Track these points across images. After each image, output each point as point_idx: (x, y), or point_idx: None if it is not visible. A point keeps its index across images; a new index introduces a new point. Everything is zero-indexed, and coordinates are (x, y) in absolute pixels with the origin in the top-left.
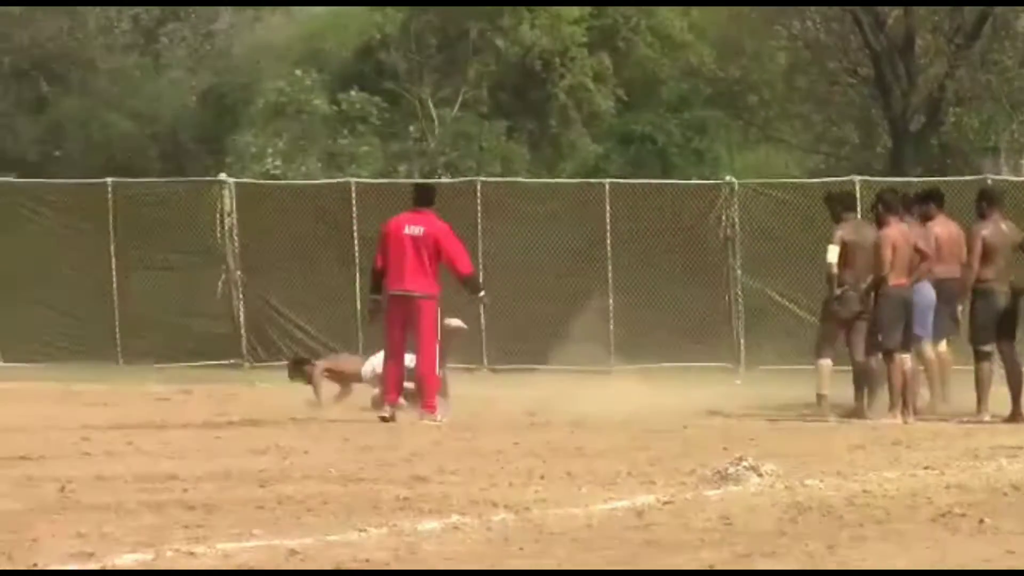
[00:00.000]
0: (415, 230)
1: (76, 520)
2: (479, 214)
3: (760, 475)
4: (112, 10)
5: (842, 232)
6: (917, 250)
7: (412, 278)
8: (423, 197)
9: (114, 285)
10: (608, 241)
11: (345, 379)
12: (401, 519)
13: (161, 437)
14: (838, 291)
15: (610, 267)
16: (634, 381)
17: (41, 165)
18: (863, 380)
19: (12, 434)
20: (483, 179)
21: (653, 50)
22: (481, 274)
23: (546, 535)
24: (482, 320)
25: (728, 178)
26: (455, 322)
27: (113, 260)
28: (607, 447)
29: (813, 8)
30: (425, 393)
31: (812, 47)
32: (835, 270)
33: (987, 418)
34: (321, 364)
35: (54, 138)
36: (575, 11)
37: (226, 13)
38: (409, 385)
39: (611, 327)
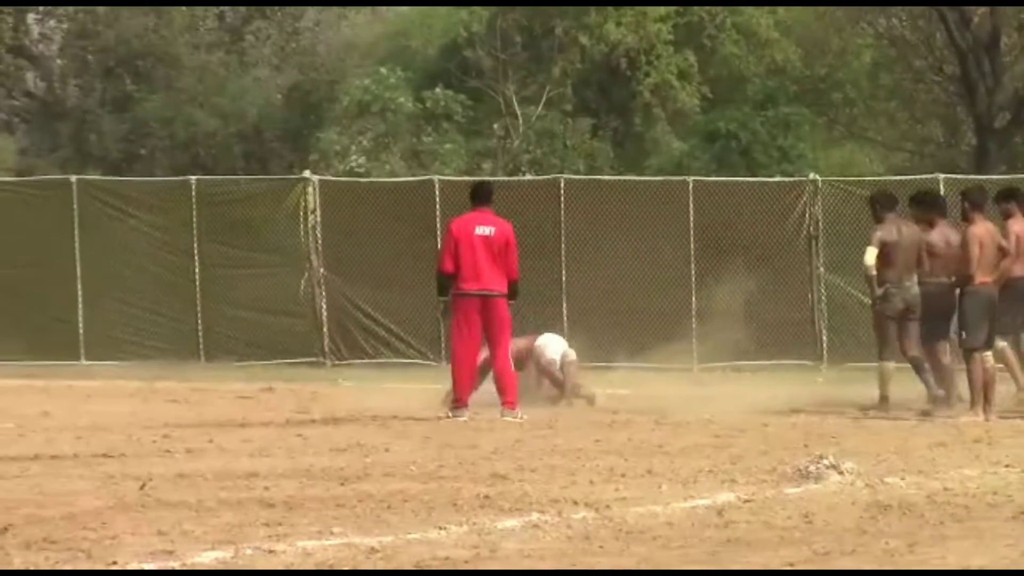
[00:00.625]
0: (486, 230)
1: (156, 518)
2: (562, 211)
3: (841, 473)
4: (198, 8)
5: (881, 233)
6: (999, 248)
7: (489, 277)
8: (484, 196)
9: (197, 283)
10: (691, 238)
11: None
12: (481, 517)
13: (242, 435)
14: (880, 291)
15: (693, 264)
16: (716, 379)
17: (125, 163)
18: (921, 371)
19: (94, 432)
20: (566, 176)
21: (738, 48)
22: (564, 271)
23: (626, 533)
24: (564, 317)
25: (812, 176)
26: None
27: (196, 258)
28: (688, 445)
29: (898, 6)
30: (505, 390)
31: (897, 45)
32: (873, 272)
33: None
34: None
35: (138, 136)
36: (660, 9)
37: (312, 11)
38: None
39: (693, 324)
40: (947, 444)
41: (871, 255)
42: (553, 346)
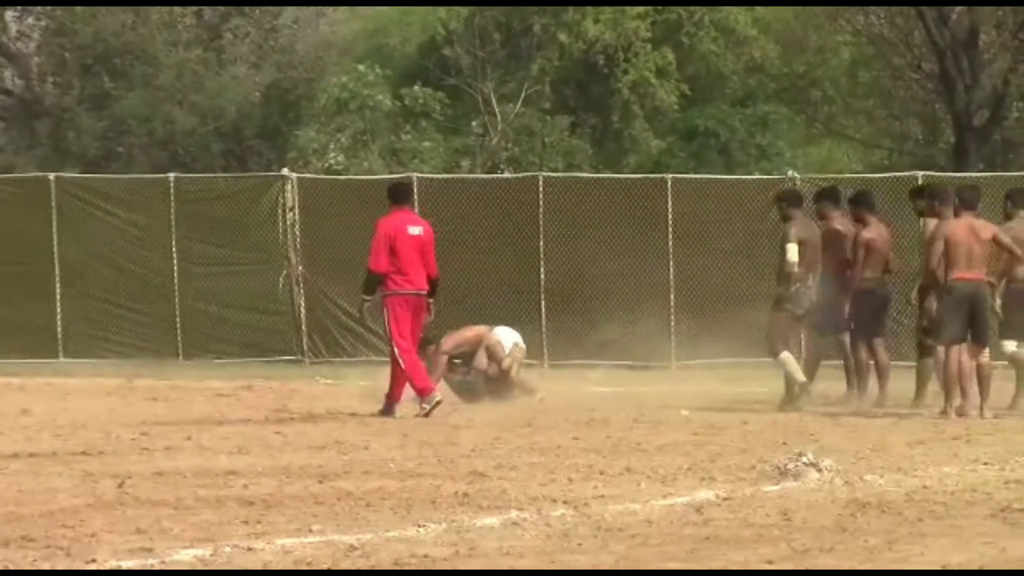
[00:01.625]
0: (416, 230)
1: (135, 516)
2: (540, 209)
3: (819, 471)
4: (176, 6)
5: (796, 230)
6: (999, 244)
7: (420, 277)
8: (405, 195)
9: (175, 280)
10: (670, 236)
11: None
12: (460, 515)
13: (221, 433)
14: (793, 288)
15: (671, 262)
16: (695, 376)
17: (104, 161)
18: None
19: (72, 429)
20: (545, 174)
21: (717, 45)
22: (542, 269)
23: (605, 531)
24: (543, 315)
25: (790, 173)
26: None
27: (174, 255)
28: (666, 443)
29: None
30: (420, 379)
31: (876, 42)
32: (796, 268)
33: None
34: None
35: (117, 134)
36: (638, 6)
37: (290, 9)
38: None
39: (672, 323)
40: (926, 442)
41: (793, 252)
42: (506, 335)
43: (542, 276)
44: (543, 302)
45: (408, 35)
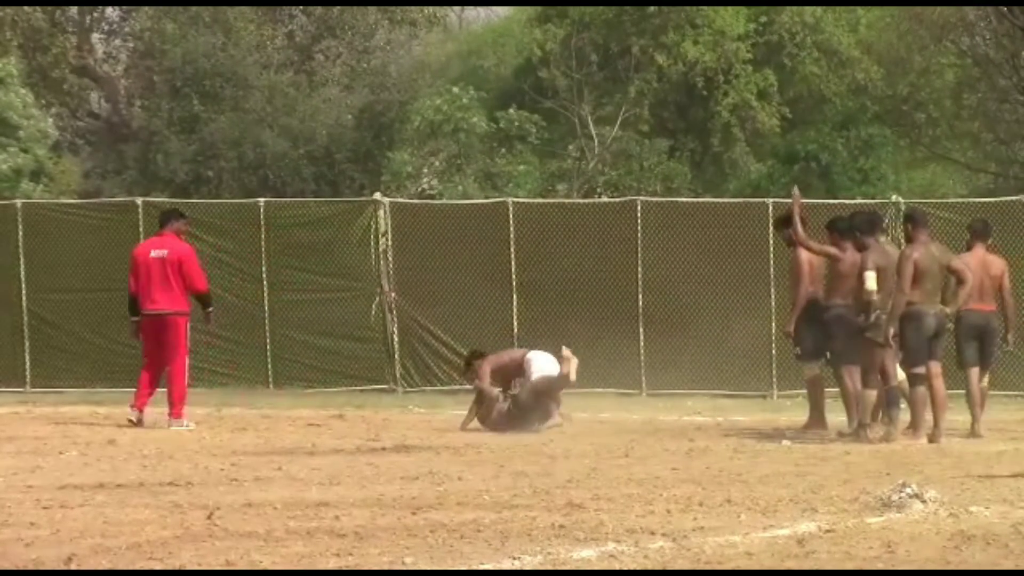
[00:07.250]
0: (160, 253)
1: (224, 548)
2: (639, 234)
3: (923, 502)
4: (266, 27)
5: (874, 256)
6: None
7: (161, 298)
8: (163, 220)
9: (265, 307)
10: (771, 262)
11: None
12: (556, 547)
13: (311, 463)
14: (872, 316)
15: (772, 287)
16: (796, 405)
17: (192, 185)
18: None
19: (160, 460)
20: (643, 199)
21: (819, 67)
22: (640, 295)
23: (704, 564)
24: (640, 342)
25: (894, 198)
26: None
27: (265, 282)
28: (767, 473)
29: (983, 24)
30: (175, 402)
31: (981, 64)
32: (875, 296)
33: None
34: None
35: (206, 158)
36: (739, 27)
37: (382, 30)
38: None
39: (773, 350)
40: None
41: (872, 280)
42: (543, 363)
43: (640, 303)
44: (641, 329)
45: (503, 57)
